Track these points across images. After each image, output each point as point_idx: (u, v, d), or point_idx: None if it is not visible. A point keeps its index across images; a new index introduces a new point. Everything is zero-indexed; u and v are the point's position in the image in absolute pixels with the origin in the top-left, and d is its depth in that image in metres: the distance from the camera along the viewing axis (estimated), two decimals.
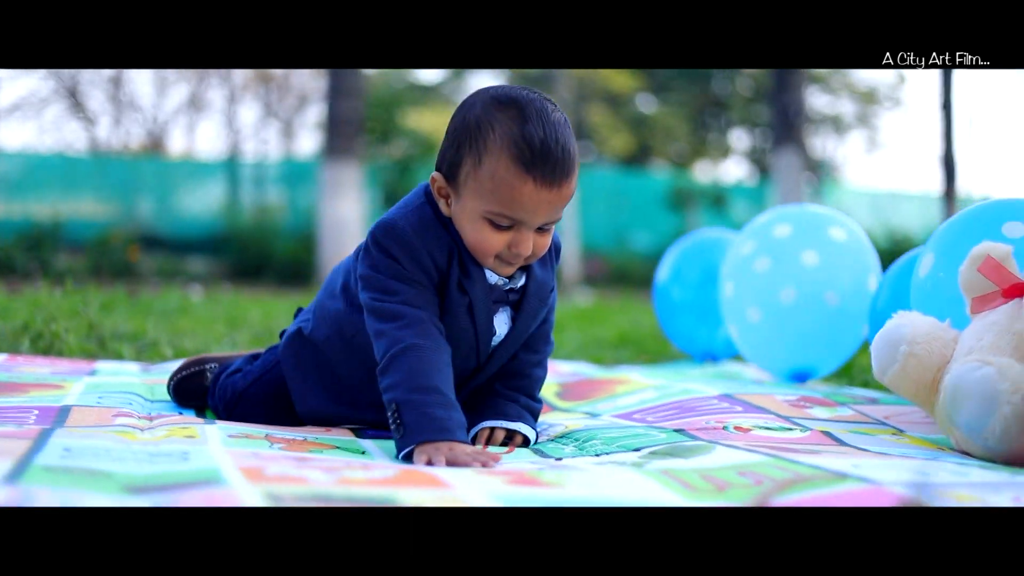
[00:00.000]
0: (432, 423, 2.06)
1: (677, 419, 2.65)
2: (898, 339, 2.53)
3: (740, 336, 3.72)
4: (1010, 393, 2.21)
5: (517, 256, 2.22)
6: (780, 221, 3.68)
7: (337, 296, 2.48)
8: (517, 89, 2.21)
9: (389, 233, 2.25)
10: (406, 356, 2.14)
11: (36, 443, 1.97)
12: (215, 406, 2.74)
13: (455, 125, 2.23)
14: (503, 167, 2.12)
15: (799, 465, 1.98)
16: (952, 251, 2.75)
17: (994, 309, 2.47)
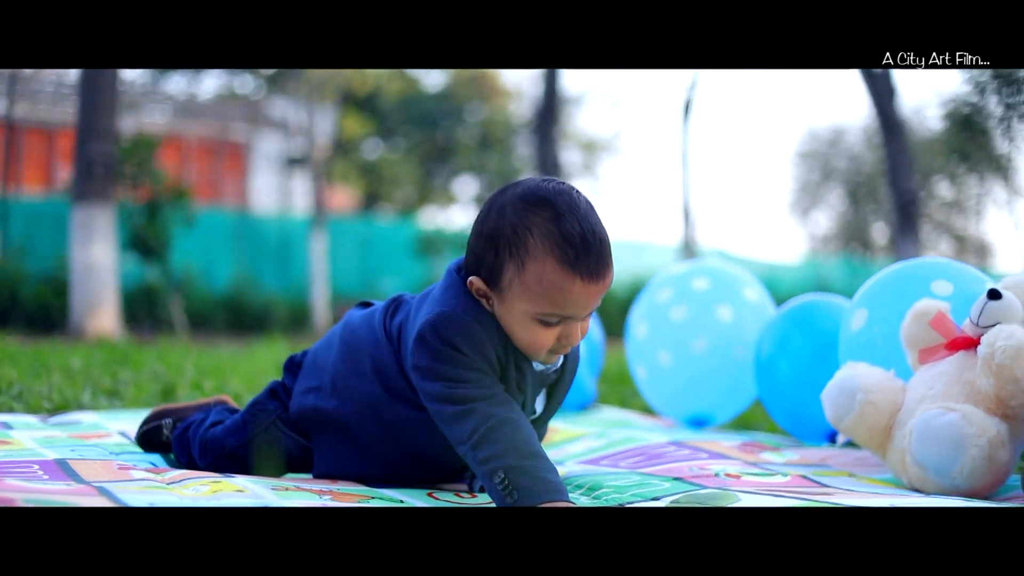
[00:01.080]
0: (547, 485, 2.06)
1: (652, 466, 2.78)
2: (854, 388, 2.77)
3: (647, 376, 3.91)
4: (977, 437, 2.48)
5: (567, 347, 2.27)
6: (698, 275, 3.92)
7: (369, 378, 2.43)
8: (542, 185, 2.23)
9: (451, 324, 2.21)
10: (504, 428, 2.12)
11: (115, 500, 1.90)
12: (187, 459, 2.67)
13: (488, 231, 2.21)
14: (550, 270, 2.14)
15: (840, 506, 2.15)
16: (884, 307, 3.02)
17: (939, 361, 2.75)
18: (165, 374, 4.82)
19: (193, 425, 2.71)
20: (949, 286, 2.97)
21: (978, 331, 2.67)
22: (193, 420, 2.74)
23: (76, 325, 9.27)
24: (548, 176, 2.30)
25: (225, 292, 15.61)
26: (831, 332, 3.41)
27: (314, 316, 15.26)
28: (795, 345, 3.50)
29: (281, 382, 2.68)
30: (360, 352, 2.46)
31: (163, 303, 11.98)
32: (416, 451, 2.44)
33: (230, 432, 2.60)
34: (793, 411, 3.48)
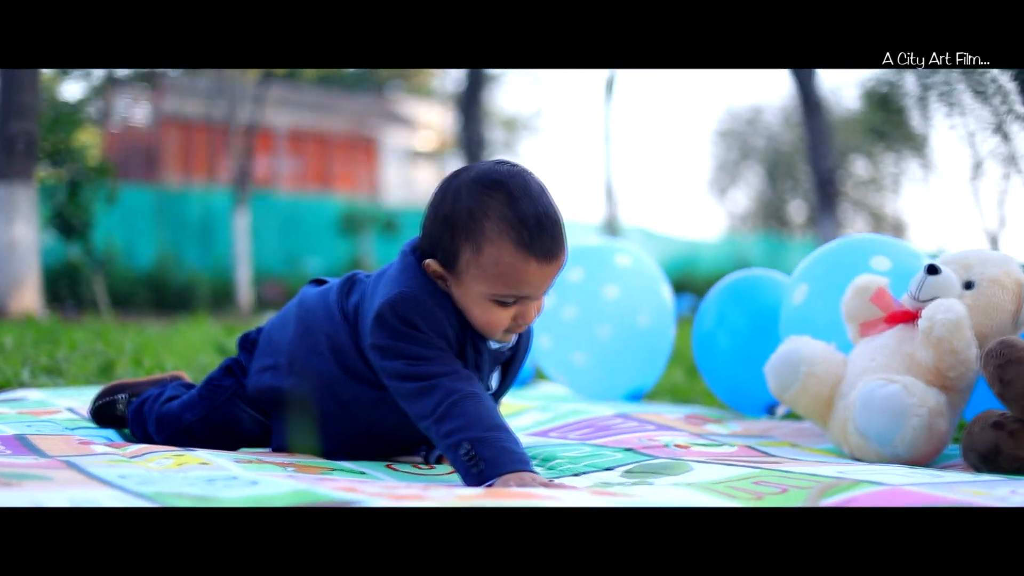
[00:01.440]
0: (511, 456, 2.10)
1: (601, 437, 2.84)
2: (797, 360, 2.85)
3: (569, 380, 3.98)
4: (917, 407, 2.57)
5: (522, 326, 2.32)
6: (569, 265, 3.96)
7: (326, 357, 2.45)
8: (495, 168, 2.27)
9: (410, 304, 2.24)
10: (467, 402, 2.16)
11: (87, 473, 1.92)
12: (143, 434, 2.68)
13: (444, 214, 2.24)
14: (506, 252, 2.17)
15: (792, 473, 2.23)
16: (824, 282, 3.11)
17: (879, 334, 2.84)
18: (103, 352, 4.78)
19: (149, 400, 2.72)
20: (887, 261, 3.07)
21: (917, 305, 2.76)
22: (149, 395, 2.74)
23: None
24: (500, 159, 2.34)
25: (147, 270, 15.43)
26: (769, 306, 3.50)
27: (238, 294, 15.13)
28: (733, 319, 3.58)
29: (236, 359, 2.68)
30: (316, 331, 2.47)
31: (85, 282, 11.81)
32: (374, 428, 2.47)
33: (186, 407, 2.61)
34: (732, 384, 3.57)
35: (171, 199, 18.38)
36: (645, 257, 4.04)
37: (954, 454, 2.72)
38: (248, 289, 15.51)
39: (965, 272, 2.78)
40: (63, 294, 12.13)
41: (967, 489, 2.05)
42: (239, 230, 15.78)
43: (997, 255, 2.79)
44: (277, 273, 17.55)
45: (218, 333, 7.07)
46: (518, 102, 30.25)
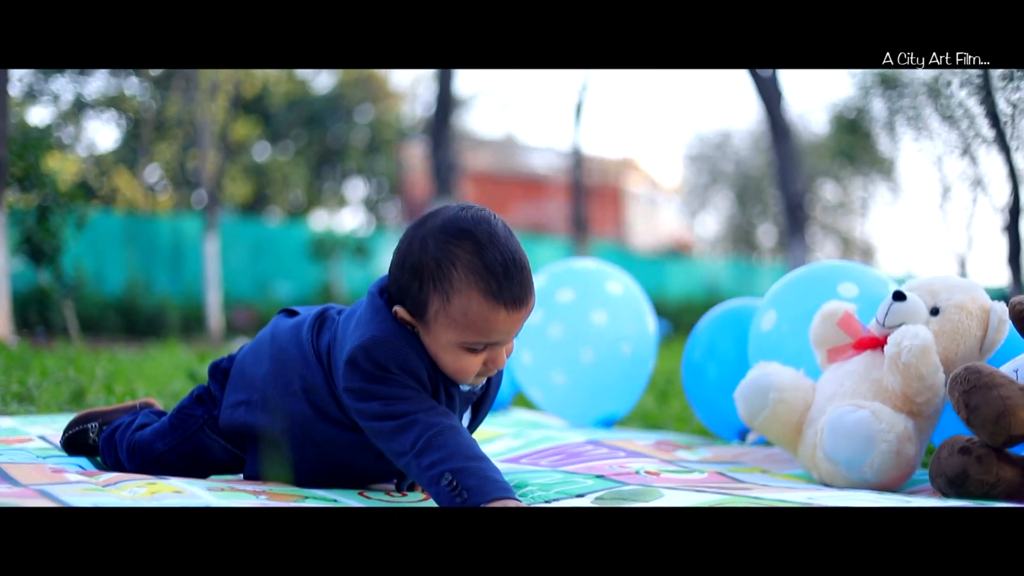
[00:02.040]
0: (495, 484, 2.09)
1: (572, 464, 2.85)
2: (767, 387, 2.89)
3: (545, 398, 3.99)
4: (886, 432, 2.61)
5: (493, 370, 2.32)
6: (560, 286, 4.00)
7: (298, 397, 2.44)
8: (460, 215, 2.25)
9: (383, 348, 2.23)
10: (446, 434, 2.15)
11: (62, 502, 1.92)
12: (114, 462, 2.68)
13: (412, 262, 2.23)
14: (475, 302, 2.17)
15: (761, 499, 2.25)
16: (793, 308, 3.15)
17: (847, 360, 2.88)
18: (75, 379, 4.76)
19: (120, 428, 2.71)
20: (855, 288, 3.11)
21: (884, 331, 2.80)
22: (120, 423, 2.73)
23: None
24: (465, 204, 2.33)
25: (117, 296, 15.35)
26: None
27: (208, 320, 15.07)
28: (723, 349, 3.60)
29: (207, 387, 2.67)
30: (289, 370, 2.46)
31: (55, 307, 11.73)
32: (347, 466, 2.47)
33: (158, 436, 2.60)
34: (720, 414, 3.58)
35: (140, 224, 18.30)
36: (635, 286, 4.06)
37: (922, 479, 2.76)
38: (218, 315, 15.44)
39: (931, 298, 2.82)
40: (33, 320, 12.04)
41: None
42: (209, 255, 15.73)
43: (963, 281, 2.83)
44: (247, 299, 17.49)
45: (190, 359, 7.04)
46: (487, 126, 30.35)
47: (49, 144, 11.88)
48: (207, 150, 16.59)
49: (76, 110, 23.64)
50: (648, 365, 3.95)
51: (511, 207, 30.08)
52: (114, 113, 24.27)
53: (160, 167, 25.27)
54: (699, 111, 67.40)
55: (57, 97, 23.32)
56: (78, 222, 11.54)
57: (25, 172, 11.40)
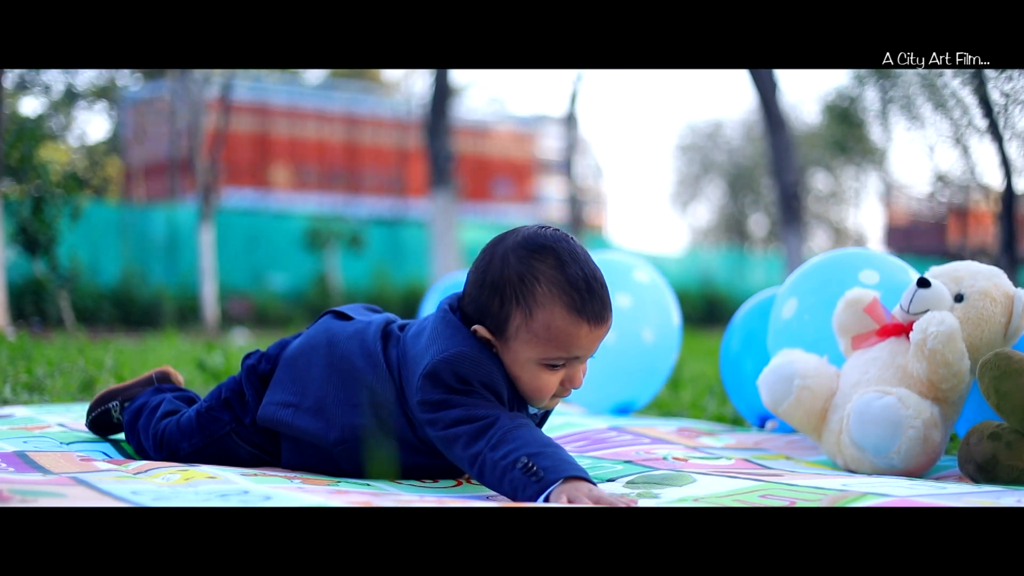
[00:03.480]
0: (570, 464, 2.07)
1: (598, 450, 2.85)
2: (791, 374, 2.89)
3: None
4: (913, 418, 2.60)
5: (569, 390, 2.32)
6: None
7: (363, 411, 2.41)
8: (540, 233, 2.28)
9: (468, 363, 2.22)
10: (522, 429, 2.13)
11: (99, 489, 1.91)
12: (138, 444, 2.67)
13: (492, 279, 2.24)
14: (558, 316, 2.19)
15: (796, 487, 2.26)
16: (814, 296, 3.15)
17: (871, 347, 2.88)
18: (84, 368, 4.74)
19: (145, 412, 2.68)
20: (876, 275, 3.11)
21: (908, 318, 2.80)
22: (144, 404, 2.71)
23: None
24: (541, 223, 2.35)
25: (112, 286, 15.32)
26: None
27: (204, 310, 15.04)
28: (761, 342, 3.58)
29: (234, 389, 2.62)
30: (355, 381, 2.43)
31: (50, 298, 11.70)
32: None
33: (184, 435, 2.57)
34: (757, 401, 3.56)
35: (135, 215, 18.27)
36: (660, 279, 4.06)
37: (946, 465, 2.76)
38: (214, 305, 15.42)
39: (955, 285, 2.82)
40: (28, 310, 12.00)
41: (973, 500, 2.08)
42: (204, 246, 15.70)
43: (986, 268, 2.83)
44: (243, 289, 17.47)
45: (192, 349, 7.03)
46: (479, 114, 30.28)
47: (43, 134, 11.81)
48: (201, 140, 16.54)
49: (67, 100, 23.57)
50: (671, 356, 3.94)
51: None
52: (105, 103, 24.21)
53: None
54: (691, 101, 67.42)
55: (48, 88, 23.27)
56: (73, 213, 11.51)
57: (19, 163, 11.38)
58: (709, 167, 36.60)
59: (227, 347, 7.44)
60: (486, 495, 2.23)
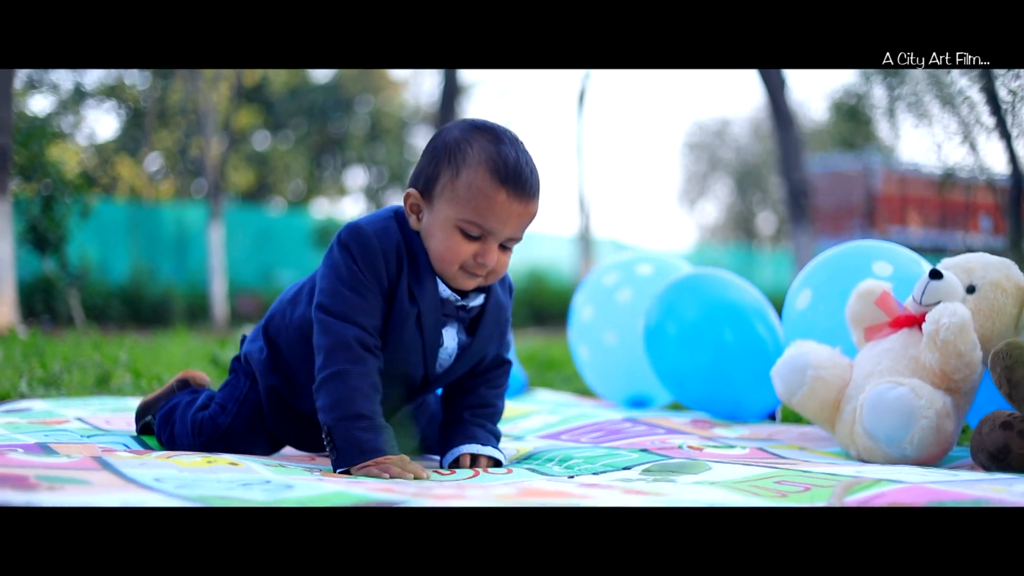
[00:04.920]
0: (359, 445, 2.28)
1: (613, 440, 2.88)
2: (804, 365, 2.90)
3: (591, 358, 4.02)
4: (926, 408, 2.62)
5: (481, 267, 2.39)
6: (642, 262, 4.06)
7: (302, 302, 2.57)
8: (491, 122, 2.43)
9: (353, 233, 2.40)
10: (335, 381, 2.32)
11: (123, 475, 1.93)
12: (168, 437, 2.73)
13: (433, 146, 2.41)
14: (480, 177, 2.31)
15: (811, 473, 2.27)
16: (827, 287, 3.17)
17: (884, 338, 2.89)
18: (100, 363, 4.78)
19: (181, 407, 2.76)
20: (889, 267, 3.13)
21: (921, 309, 2.82)
22: (177, 403, 2.79)
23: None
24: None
25: (122, 284, 15.36)
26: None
27: (213, 308, 15.07)
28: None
29: (237, 356, 2.78)
30: (300, 285, 2.63)
31: (60, 296, 11.74)
32: None
33: (219, 412, 2.66)
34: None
35: (144, 213, 18.30)
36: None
37: (958, 456, 2.78)
38: (223, 303, 15.46)
39: (967, 277, 2.84)
40: (38, 308, 12.05)
41: (986, 486, 2.09)
42: (214, 244, 15.74)
43: (998, 260, 2.85)
44: (252, 287, 17.51)
45: (209, 346, 7.06)
46: (486, 115, 30.42)
47: (53, 133, 11.85)
48: (210, 138, 16.59)
49: (76, 99, 23.61)
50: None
51: None
52: (114, 102, 24.24)
53: (161, 155, 25.25)
54: (698, 99, 67.34)
55: (57, 86, 23.31)
56: (82, 211, 11.55)
57: (29, 161, 11.42)
58: (717, 165, 36.57)
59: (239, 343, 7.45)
60: (504, 482, 2.24)
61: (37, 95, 22.60)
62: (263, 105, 26.86)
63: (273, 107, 27.33)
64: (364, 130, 28.95)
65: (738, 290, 3.59)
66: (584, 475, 2.41)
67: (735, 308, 3.50)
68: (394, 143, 29.04)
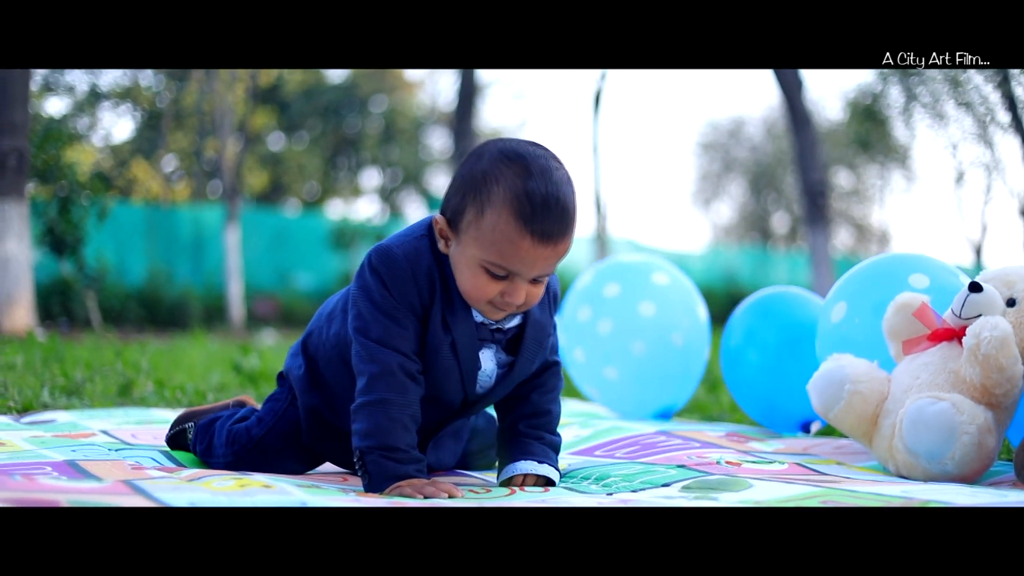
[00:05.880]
0: (392, 472, 2.27)
1: (649, 455, 2.84)
2: (842, 379, 2.86)
3: (602, 394, 3.98)
4: (967, 424, 2.58)
5: (508, 305, 2.31)
6: (607, 280, 3.99)
7: (336, 318, 2.52)
8: (525, 144, 2.30)
9: (383, 258, 2.33)
10: (374, 409, 2.29)
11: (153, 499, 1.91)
12: (205, 448, 2.71)
13: (462, 174, 2.30)
14: (504, 221, 2.19)
15: (857, 493, 2.23)
16: (863, 300, 3.12)
17: (922, 352, 2.85)
18: (122, 371, 4.75)
19: (221, 419, 2.75)
20: (925, 279, 3.08)
21: (960, 323, 2.77)
22: (218, 417, 2.77)
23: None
24: (537, 142, 2.35)
25: (139, 286, 15.37)
26: (798, 323, 3.52)
27: (230, 310, 15.07)
28: (762, 336, 3.59)
29: (282, 372, 2.73)
30: (335, 299, 2.58)
31: (77, 298, 11.74)
32: None
33: (254, 423, 2.65)
34: (763, 401, 3.57)
35: (161, 215, 18.33)
36: (682, 277, 4.05)
37: (998, 471, 2.74)
38: (240, 305, 15.46)
39: (1007, 289, 2.80)
40: (55, 311, 12.06)
41: None
42: (230, 245, 15.74)
43: None
44: (268, 289, 17.51)
45: (228, 350, 7.04)
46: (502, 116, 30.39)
47: (70, 136, 11.85)
48: (226, 140, 16.59)
49: (91, 101, 23.65)
50: (702, 355, 3.94)
51: None
52: (129, 104, 24.27)
53: (177, 157, 25.29)
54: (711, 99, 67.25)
55: (72, 88, 23.35)
56: (100, 213, 11.55)
57: (46, 164, 11.43)
58: (731, 165, 36.48)
59: (260, 348, 7.45)
60: (540, 501, 2.21)
61: (53, 97, 22.66)
62: (278, 106, 26.87)
63: (288, 108, 27.34)
64: (379, 131, 28.95)
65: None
66: (622, 492, 2.38)
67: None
68: (409, 144, 29.03)
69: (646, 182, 59.48)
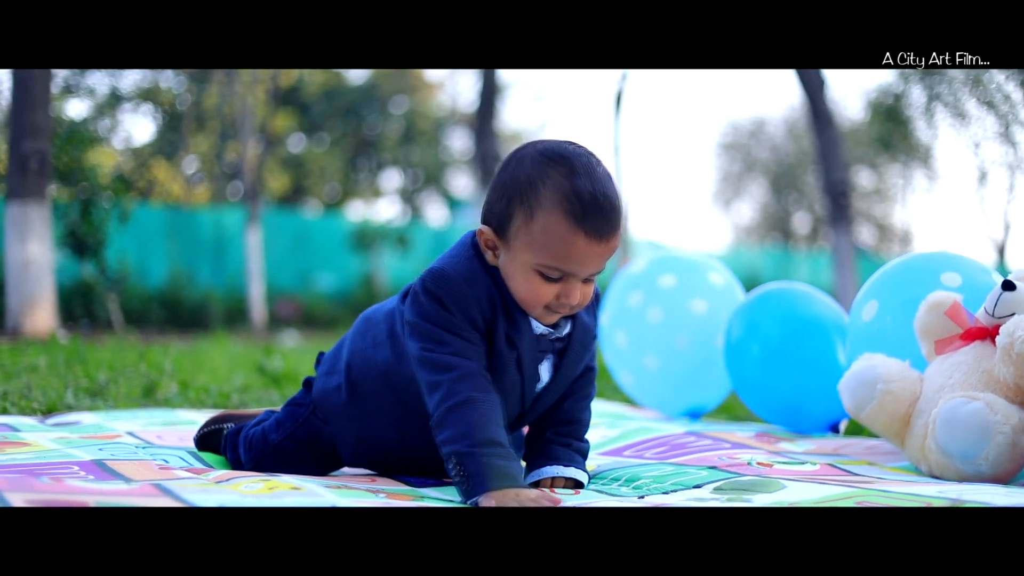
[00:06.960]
0: (495, 471, 2.11)
1: (679, 456, 2.81)
2: (874, 378, 2.82)
3: (636, 383, 3.94)
4: (1002, 424, 2.54)
5: (565, 306, 2.28)
6: (664, 271, 3.95)
7: (383, 345, 2.46)
8: (563, 144, 2.28)
9: (440, 281, 2.27)
10: (463, 410, 2.18)
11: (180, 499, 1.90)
12: (235, 458, 2.69)
13: (504, 180, 2.26)
14: (555, 221, 2.17)
15: (892, 493, 2.20)
16: (895, 298, 3.09)
17: (955, 351, 2.81)
18: (146, 373, 4.75)
19: (246, 426, 2.72)
20: (958, 277, 3.04)
21: (993, 321, 2.74)
22: (245, 424, 2.74)
23: (13, 324, 9.12)
24: (573, 141, 2.33)
25: (161, 288, 15.43)
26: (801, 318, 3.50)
27: (251, 312, 15.10)
28: (764, 330, 3.55)
29: (311, 377, 2.69)
30: (378, 323, 2.51)
31: (99, 300, 11.78)
32: (425, 415, 2.36)
33: (272, 428, 2.62)
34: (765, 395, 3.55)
35: (183, 217, 18.39)
36: (735, 281, 4.03)
37: None
38: (262, 306, 15.49)
39: None
40: (77, 313, 12.10)
41: None
42: (251, 247, 15.77)
43: None
44: (290, 290, 17.55)
45: (250, 351, 7.04)
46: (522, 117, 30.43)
47: (91, 138, 11.89)
48: (247, 142, 16.63)
49: (112, 103, 23.75)
50: None
51: None
52: (150, 106, 24.37)
53: (197, 159, 25.38)
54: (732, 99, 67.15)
55: (93, 91, 23.45)
56: (121, 215, 11.59)
57: (68, 166, 11.48)
58: (752, 165, 36.39)
59: (282, 350, 7.45)
60: (571, 504, 2.19)
61: (74, 100, 22.76)
62: (298, 108, 26.94)
63: (308, 109, 27.40)
64: (399, 132, 28.98)
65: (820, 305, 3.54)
66: (654, 495, 2.35)
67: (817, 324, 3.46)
68: (429, 145, 29.05)
69: (667, 183, 59.43)
